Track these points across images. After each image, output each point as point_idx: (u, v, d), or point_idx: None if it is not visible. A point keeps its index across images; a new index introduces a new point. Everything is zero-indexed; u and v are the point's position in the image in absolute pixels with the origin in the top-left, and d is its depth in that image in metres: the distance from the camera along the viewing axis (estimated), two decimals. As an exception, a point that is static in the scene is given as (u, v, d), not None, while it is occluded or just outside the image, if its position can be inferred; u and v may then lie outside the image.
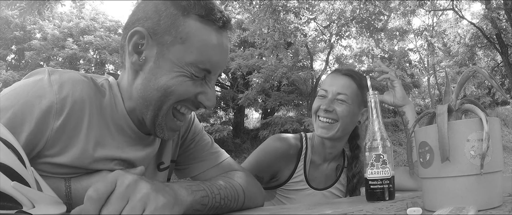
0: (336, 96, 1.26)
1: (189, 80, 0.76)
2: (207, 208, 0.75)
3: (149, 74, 0.77)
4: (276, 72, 11.21)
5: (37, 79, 0.73)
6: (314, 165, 1.36)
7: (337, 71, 1.33)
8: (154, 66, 0.76)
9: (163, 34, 0.75)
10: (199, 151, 1.01)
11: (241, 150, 12.49)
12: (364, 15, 10.78)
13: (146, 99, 0.78)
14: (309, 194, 1.33)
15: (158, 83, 0.75)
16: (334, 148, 1.34)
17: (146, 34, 0.75)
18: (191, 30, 0.75)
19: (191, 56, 0.75)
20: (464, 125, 0.64)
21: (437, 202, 0.66)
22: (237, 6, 9.27)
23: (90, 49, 14.99)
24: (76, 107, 0.74)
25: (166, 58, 0.75)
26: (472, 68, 0.74)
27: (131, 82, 0.81)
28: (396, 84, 1.20)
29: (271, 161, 1.28)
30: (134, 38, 0.76)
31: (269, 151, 1.29)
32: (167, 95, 0.76)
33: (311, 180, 1.35)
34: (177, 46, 0.74)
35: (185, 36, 0.74)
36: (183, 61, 0.75)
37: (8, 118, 0.68)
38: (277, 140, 1.31)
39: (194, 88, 0.77)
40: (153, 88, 0.76)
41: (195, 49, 0.75)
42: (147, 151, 0.87)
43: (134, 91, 0.80)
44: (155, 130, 0.81)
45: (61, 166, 0.74)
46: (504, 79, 14.29)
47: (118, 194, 0.55)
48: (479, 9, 15.29)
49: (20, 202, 0.50)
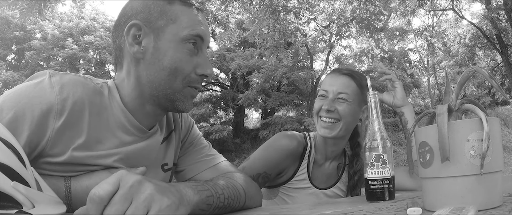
0: (337, 96, 1.27)
1: (189, 55, 0.83)
2: (212, 208, 0.75)
3: (151, 58, 0.82)
4: (276, 72, 11.21)
5: (39, 81, 0.75)
6: (316, 164, 1.36)
7: (336, 71, 1.34)
8: (154, 50, 0.82)
9: (156, 21, 0.82)
10: (196, 153, 1.03)
11: (241, 150, 12.49)
12: (364, 15, 10.77)
13: (154, 82, 0.82)
14: (311, 193, 1.34)
15: (162, 64, 0.81)
16: (336, 146, 1.34)
17: (141, 25, 0.82)
18: (178, 12, 0.83)
19: (184, 31, 0.82)
20: (464, 125, 0.64)
21: (437, 202, 0.66)
22: (237, 6, 9.27)
23: (90, 49, 14.99)
24: (76, 108, 0.75)
25: (162, 39, 0.82)
26: (472, 68, 0.74)
27: (134, 73, 0.84)
28: (397, 85, 1.22)
29: (281, 158, 1.27)
30: (132, 31, 0.82)
31: (278, 149, 1.28)
32: (174, 73, 0.81)
33: (314, 179, 1.35)
34: (170, 26, 0.82)
35: (174, 17, 0.83)
36: (178, 37, 0.82)
37: (9, 119, 0.70)
38: (285, 137, 1.31)
39: (193, 62, 0.84)
40: (159, 69, 0.81)
41: (185, 24, 0.83)
42: (148, 142, 0.88)
43: (138, 80, 0.83)
44: (176, 105, 0.85)
45: (61, 164, 0.75)
46: (504, 79, 14.29)
47: (121, 195, 0.55)
48: (479, 9, 15.29)
49: (20, 202, 0.50)
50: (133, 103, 0.86)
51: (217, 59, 13.12)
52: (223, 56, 13.17)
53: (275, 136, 1.33)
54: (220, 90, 15.17)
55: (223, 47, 13.35)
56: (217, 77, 15.04)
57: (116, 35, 0.86)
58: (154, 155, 0.92)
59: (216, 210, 0.77)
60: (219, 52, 13.30)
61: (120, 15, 0.86)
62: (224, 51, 13.34)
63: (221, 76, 15.24)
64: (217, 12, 9.61)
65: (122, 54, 0.86)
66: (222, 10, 9.44)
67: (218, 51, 13.38)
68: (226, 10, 9.40)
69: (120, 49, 0.86)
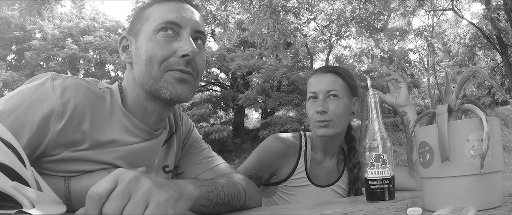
0: (326, 94, 1.29)
1: (164, 41, 0.83)
2: (212, 203, 0.76)
3: (135, 58, 0.86)
4: (276, 72, 11.20)
5: (40, 84, 0.75)
6: (315, 162, 1.38)
7: (319, 71, 1.37)
8: (136, 51, 0.86)
9: (135, 26, 0.88)
10: (196, 155, 1.04)
11: (241, 150, 12.49)
12: (364, 15, 10.76)
13: (139, 78, 0.85)
14: (310, 191, 1.35)
15: (141, 58, 0.84)
16: (334, 143, 1.37)
17: (127, 35, 0.90)
18: (152, 11, 0.87)
19: (156, 22, 0.84)
20: (464, 125, 0.64)
21: (437, 202, 0.66)
22: (237, 6, 9.26)
23: (90, 49, 14.99)
24: (77, 111, 0.76)
25: (140, 38, 0.86)
26: (472, 68, 0.74)
27: (131, 77, 0.89)
28: (402, 85, 1.26)
29: (270, 160, 1.31)
30: (122, 43, 0.91)
31: (268, 151, 1.32)
32: (150, 62, 0.82)
33: (313, 177, 1.36)
34: (145, 25, 0.86)
35: (148, 16, 0.87)
36: (151, 30, 0.84)
37: (11, 121, 0.70)
38: (275, 139, 1.35)
39: (171, 47, 0.83)
40: (140, 64, 0.84)
41: (157, 18, 0.85)
42: (151, 142, 0.89)
43: (134, 81, 0.87)
44: (161, 92, 0.83)
45: (61, 161, 0.75)
46: (504, 79, 14.29)
47: (119, 191, 0.55)
48: (479, 9, 15.30)
49: (20, 202, 0.50)
50: (136, 104, 0.87)
51: (217, 59, 13.12)
52: (223, 56, 13.16)
53: (267, 139, 1.37)
54: (220, 90, 15.16)
55: (223, 47, 13.35)
56: (217, 77, 15.04)
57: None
58: (155, 156, 0.93)
59: (217, 207, 0.78)
60: (219, 52, 13.30)
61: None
62: (224, 51, 13.33)
63: (221, 76, 15.25)
64: (216, 12, 9.61)
65: (124, 64, 0.93)
66: (222, 10, 9.44)
67: (218, 51, 13.38)
68: (226, 10, 9.40)
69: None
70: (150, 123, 0.89)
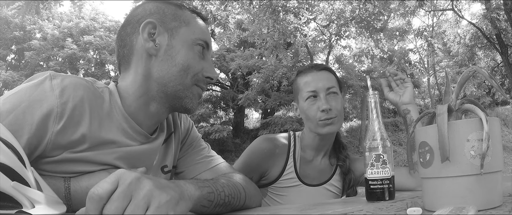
0: (327, 92, 1.29)
1: (199, 57, 0.89)
2: (213, 204, 0.76)
3: (165, 55, 0.85)
4: (276, 72, 11.21)
5: (39, 83, 0.74)
6: (305, 161, 1.37)
7: (313, 69, 1.35)
8: (168, 48, 0.86)
9: (170, 22, 0.88)
10: (196, 155, 1.04)
11: (241, 150, 12.46)
12: (364, 15, 10.77)
13: (164, 77, 0.85)
14: (301, 191, 1.34)
15: (175, 60, 0.85)
16: (327, 140, 1.36)
17: (157, 24, 0.86)
18: (190, 17, 0.91)
19: (194, 34, 0.88)
20: (464, 125, 0.64)
21: (437, 202, 0.66)
22: (237, 6, 9.27)
23: (90, 49, 14.99)
24: (76, 111, 0.75)
25: (176, 38, 0.87)
26: (472, 68, 0.74)
27: (142, 70, 0.85)
28: (409, 85, 1.26)
29: (258, 161, 1.31)
30: (147, 28, 0.86)
31: (256, 152, 1.32)
32: (185, 69, 0.86)
33: (304, 176, 1.36)
34: (183, 28, 0.88)
35: (187, 21, 0.89)
36: (190, 39, 0.87)
37: (9, 121, 0.69)
38: (263, 140, 1.35)
39: (201, 64, 0.89)
40: (172, 65, 0.85)
41: (196, 29, 0.89)
42: (148, 146, 0.89)
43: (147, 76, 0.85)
44: (184, 101, 0.88)
45: (61, 162, 0.75)
46: (504, 79, 14.30)
47: (120, 192, 0.55)
48: (478, 9, 15.29)
49: (20, 202, 0.50)
50: (137, 102, 0.86)
51: (217, 59, 13.12)
52: (223, 56, 13.17)
53: (256, 140, 1.37)
54: (220, 90, 15.17)
55: (223, 47, 13.36)
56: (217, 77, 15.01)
57: (126, 33, 0.88)
58: (154, 158, 0.92)
59: (217, 208, 0.78)
60: (219, 52, 13.31)
61: (130, 15, 0.90)
62: (224, 51, 13.35)
63: (221, 76, 15.24)
64: (216, 12, 9.61)
65: (131, 51, 0.87)
66: (222, 10, 9.45)
67: (218, 51, 13.39)
68: (226, 10, 9.41)
69: (130, 46, 0.87)
70: (149, 124, 0.88)
